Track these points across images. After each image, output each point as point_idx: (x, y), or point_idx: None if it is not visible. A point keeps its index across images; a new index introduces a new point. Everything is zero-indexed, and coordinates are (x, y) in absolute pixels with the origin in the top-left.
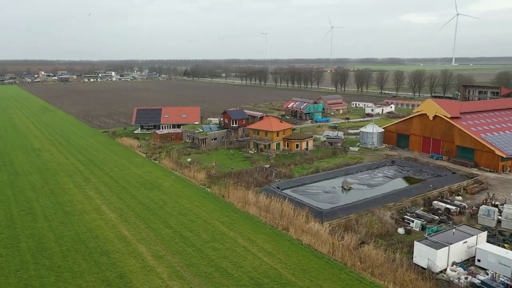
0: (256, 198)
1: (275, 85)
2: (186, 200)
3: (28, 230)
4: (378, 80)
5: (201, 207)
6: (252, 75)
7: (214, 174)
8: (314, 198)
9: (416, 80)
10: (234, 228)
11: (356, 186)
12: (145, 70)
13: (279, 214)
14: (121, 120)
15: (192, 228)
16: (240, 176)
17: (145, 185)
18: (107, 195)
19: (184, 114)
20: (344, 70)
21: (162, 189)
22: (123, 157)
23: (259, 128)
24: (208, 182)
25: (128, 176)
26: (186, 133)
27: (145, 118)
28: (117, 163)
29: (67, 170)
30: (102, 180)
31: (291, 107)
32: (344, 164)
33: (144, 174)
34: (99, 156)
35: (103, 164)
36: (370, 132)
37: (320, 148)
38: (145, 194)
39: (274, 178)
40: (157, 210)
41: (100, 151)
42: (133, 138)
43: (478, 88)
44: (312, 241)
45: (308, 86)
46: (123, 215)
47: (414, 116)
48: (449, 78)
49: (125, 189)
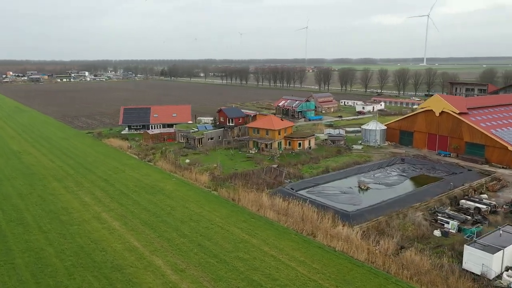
0: (271, 201)
1: (257, 84)
2: (194, 205)
3: (22, 244)
4: (363, 78)
5: (213, 212)
6: (233, 74)
7: (219, 175)
8: (332, 199)
9: (400, 79)
10: (255, 235)
11: (372, 186)
12: (120, 70)
13: (300, 218)
14: (104, 120)
15: (209, 236)
16: (247, 178)
17: (145, 189)
18: (106, 201)
19: (175, 113)
20: (328, 69)
21: (165, 193)
22: (114, 159)
23: (259, 127)
24: (213, 185)
25: (124, 179)
26: (180, 133)
27: (133, 118)
28: (109, 165)
29: (55, 174)
30: (97, 184)
31: (282, 105)
32: (353, 163)
33: (142, 177)
34: (87, 159)
35: (94, 167)
36: (373, 130)
37: (323, 146)
38: (148, 199)
39: (284, 179)
40: (165, 217)
41: (88, 153)
42: (121, 139)
43: (465, 86)
44: (345, 247)
45: (290, 85)
46: (128, 223)
47: (419, 112)
48: (434, 76)
49: (124, 194)
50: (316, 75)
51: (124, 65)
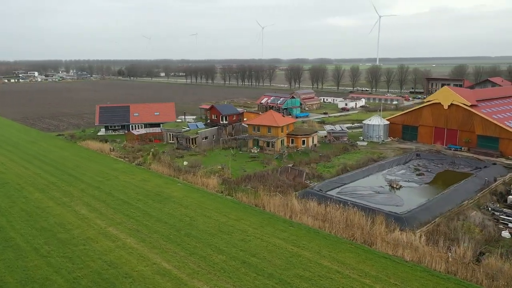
0: (304, 205)
1: (224, 83)
2: (216, 213)
3: (18, 273)
4: (334, 76)
5: (241, 220)
6: (198, 73)
7: (229, 178)
8: (369, 200)
9: (373, 76)
10: (304, 246)
11: (402, 184)
12: (73, 70)
13: (344, 223)
14: (71, 121)
15: (252, 250)
16: (262, 180)
17: (149, 196)
18: (107, 212)
19: (157, 111)
20: (298, 67)
21: (175, 200)
22: (98, 163)
23: (260, 124)
24: (225, 189)
25: (121, 186)
26: (169, 133)
27: (110, 118)
28: (96, 171)
29: (33, 182)
30: (89, 193)
31: (265, 102)
32: (369, 160)
33: (140, 183)
34: (67, 164)
35: (78, 173)
36: (376, 125)
37: (326, 144)
38: (158, 208)
39: (305, 180)
40: (188, 229)
41: (65, 157)
42: (99, 141)
43: (441, 81)
44: (414, 256)
45: (260, 84)
46: (146, 239)
47: (425, 106)
48: (405, 73)
49: (126, 203)
50: (287, 73)
51: (76, 65)
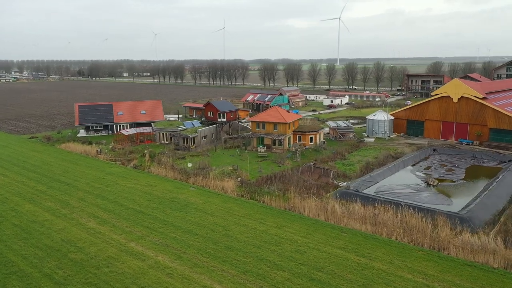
0: (346, 208)
1: (194, 82)
2: (250, 221)
3: None
4: (310, 74)
5: (282, 228)
6: (166, 72)
7: (249, 180)
8: (414, 199)
9: (349, 73)
10: (370, 256)
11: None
12: (27, 71)
13: (400, 227)
14: (41, 123)
15: (314, 264)
16: (283, 180)
17: (164, 203)
18: (122, 224)
19: (143, 110)
20: (272, 66)
21: (197, 207)
22: (89, 167)
23: (266, 120)
24: (246, 192)
25: (126, 193)
26: (162, 132)
27: (92, 117)
28: (90, 176)
29: (20, 192)
30: (91, 202)
31: (251, 100)
32: (387, 157)
33: (147, 189)
34: (53, 169)
35: (70, 179)
36: (382, 120)
37: (333, 141)
38: (181, 217)
39: (332, 179)
40: (226, 241)
41: (50, 163)
42: (82, 143)
43: (421, 78)
44: (501, 262)
45: (232, 83)
46: (182, 255)
47: (432, 99)
48: (381, 71)
49: (141, 212)
50: (261, 72)
51: (29, 65)
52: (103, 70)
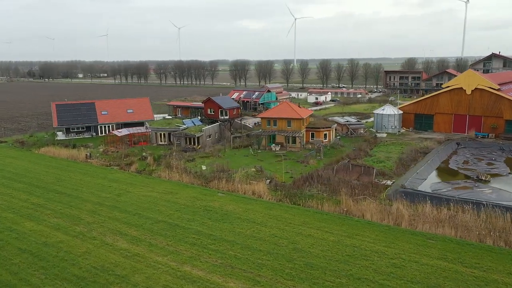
0: (413, 209)
1: (160, 82)
2: (312, 230)
3: None
4: (284, 72)
5: (356, 237)
6: (128, 72)
7: (283, 183)
8: (479, 196)
9: (323, 71)
10: (483, 267)
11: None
12: None
13: (486, 228)
14: (6, 126)
15: (426, 281)
16: (321, 181)
17: (198, 213)
18: (160, 243)
19: (130, 108)
20: (244, 64)
21: (240, 216)
22: (86, 174)
23: (278, 117)
24: (284, 196)
25: (146, 202)
26: (159, 132)
27: (73, 118)
28: (93, 184)
29: (11, 207)
30: (108, 216)
31: (237, 97)
32: (415, 152)
33: (168, 197)
34: (44, 178)
35: (70, 189)
36: (392, 114)
37: (344, 137)
38: (228, 229)
39: (375, 178)
40: (302, 257)
41: (35, 170)
42: (64, 147)
43: (400, 74)
44: None
45: (201, 83)
46: (258, 279)
47: (443, 92)
48: (356, 68)
49: (176, 226)
50: (232, 71)
51: None
52: (56, 71)
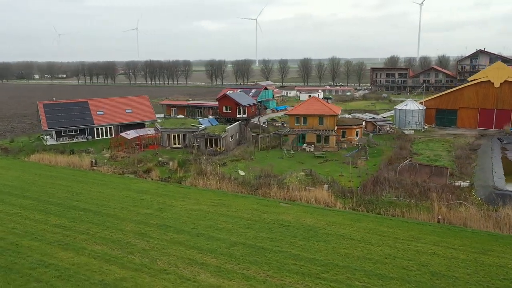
0: None
1: (129, 82)
2: (430, 246)
3: None
4: (263, 71)
5: (489, 253)
6: (93, 72)
7: (350, 188)
8: None
9: (304, 70)
10: None
11: None
12: None
13: None
14: None
15: None
16: (391, 185)
17: (276, 230)
18: (253, 272)
19: (129, 108)
20: (220, 63)
21: (329, 231)
22: (103, 185)
23: (309, 113)
24: (357, 204)
25: (200, 218)
26: (173, 134)
27: (65, 119)
28: (119, 197)
29: (29, 231)
30: (162, 237)
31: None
32: (461, 148)
33: (223, 210)
34: (54, 192)
35: (93, 204)
36: (416, 110)
37: (371, 134)
38: (328, 250)
39: (448, 179)
40: (454, 285)
41: (38, 183)
42: (59, 153)
43: (386, 71)
44: None
45: (174, 82)
46: None
47: (467, 86)
48: (337, 66)
49: (260, 248)
50: (207, 70)
51: None
52: (10, 72)
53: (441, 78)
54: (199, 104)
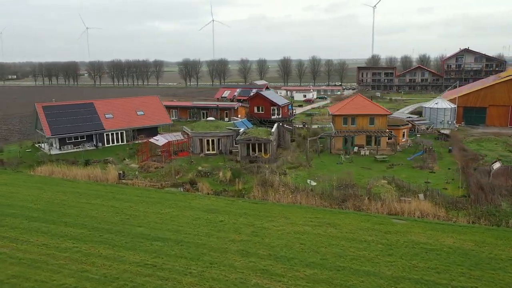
0: None
1: (94, 83)
2: None
3: None
4: (241, 71)
5: None
6: (52, 72)
7: (458, 198)
8: None
9: (284, 69)
10: None
11: None
12: None
13: None
14: None
15: None
16: (496, 191)
17: (422, 256)
18: None
19: (141, 110)
20: (196, 63)
21: (487, 255)
22: (158, 203)
23: (358, 113)
24: (475, 216)
25: (317, 243)
26: (206, 139)
27: (70, 124)
28: (189, 220)
29: (116, 277)
30: (292, 274)
31: (230, 96)
32: None
33: (333, 231)
34: (96, 215)
35: (166, 230)
36: (448, 108)
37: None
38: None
39: None
40: None
41: (69, 204)
42: (71, 164)
43: (372, 70)
44: None
45: (145, 83)
46: None
47: (497, 82)
48: (318, 65)
49: (437, 285)
50: (181, 71)
51: None
52: None
53: (427, 77)
54: (205, 105)
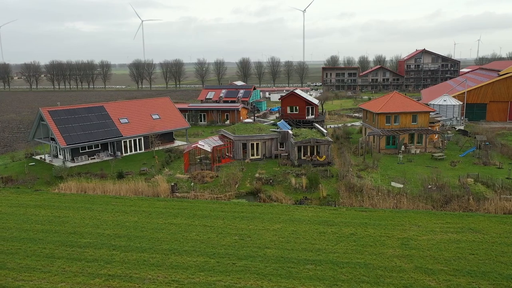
0: None
1: (31, 87)
2: None
3: None
4: (199, 72)
5: None
6: None
7: None
8: None
9: (243, 70)
10: None
11: None
12: None
13: None
14: None
15: None
16: None
17: None
18: None
19: (155, 113)
20: (148, 64)
21: None
22: (254, 218)
23: (400, 111)
24: None
25: (481, 254)
26: (252, 142)
27: (83, 131)
28: (284, 235)
29: None
30: None
31: (215, 97)
32: None
33: (480, 237)
34: (193, 237)
35: (305, 250)
36: (456, 105)
37: None
38: None
39: None
40: None
41: (149, 227)
42: (99, 178)
43: (336, 70)
44: None
45: (90, 86)
46: None
47: (497, 80)
48: (278, 66)
49: None
50: (131, 72)
51: None
52: None
53: (388, 76)
54: (206, 107)
